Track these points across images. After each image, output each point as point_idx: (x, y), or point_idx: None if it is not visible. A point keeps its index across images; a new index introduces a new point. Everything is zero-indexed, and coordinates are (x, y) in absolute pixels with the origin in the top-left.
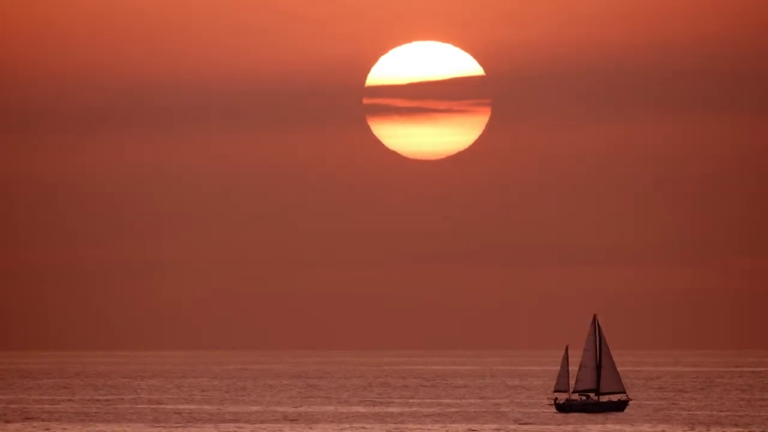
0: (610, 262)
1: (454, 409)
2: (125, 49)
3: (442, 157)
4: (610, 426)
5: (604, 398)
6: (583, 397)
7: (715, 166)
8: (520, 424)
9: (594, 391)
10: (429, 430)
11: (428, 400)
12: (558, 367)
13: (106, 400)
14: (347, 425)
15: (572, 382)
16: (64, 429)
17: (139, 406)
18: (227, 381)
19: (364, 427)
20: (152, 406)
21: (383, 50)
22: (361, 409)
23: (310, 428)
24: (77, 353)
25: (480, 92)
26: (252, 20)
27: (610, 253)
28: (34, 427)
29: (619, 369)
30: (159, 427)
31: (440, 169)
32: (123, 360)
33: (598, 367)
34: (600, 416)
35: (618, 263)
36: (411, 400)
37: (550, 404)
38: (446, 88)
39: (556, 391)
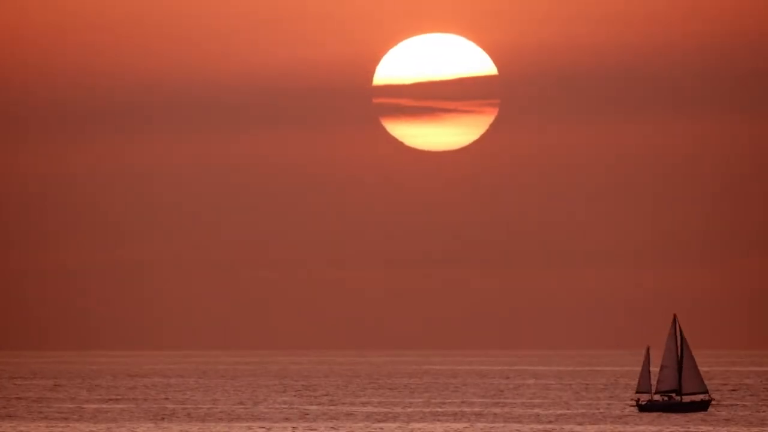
0: (620, 263)
1: (535, 410)
2: (127, 50)
3: (458, 148)
4: (693, 427)
5: (687, 398)
6: (665, 398)
7: (733, 165)
8: (602, 424)
9: (676, 391)
10: (517, 430)
11: (512, 401)
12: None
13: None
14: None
15: (654, 382)
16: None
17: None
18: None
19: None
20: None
21: (392, 43)
22: (454, 408)
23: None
24: (60, 353)
25: (491, 91)
26: (246, 18)
27: (624, 253)
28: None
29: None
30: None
31: (463, 164)
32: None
33: (680, 368)
34: (682, 416)
35: (627, 264)
36: (492, 400)
37: (632, 405)
38: (456, 87)
39: (638, 392)
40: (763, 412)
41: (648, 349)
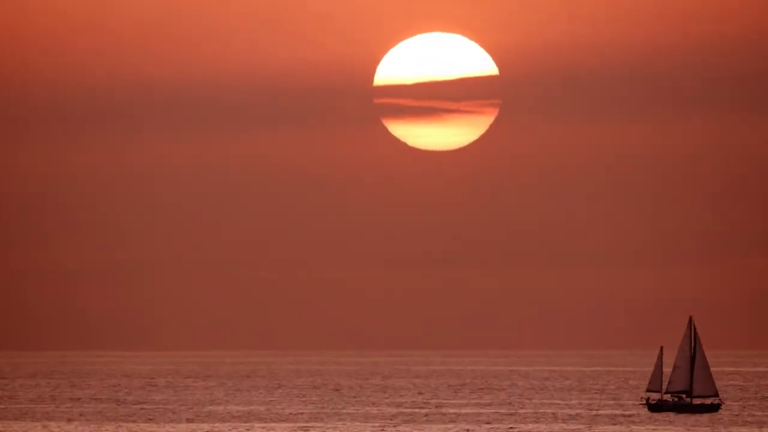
0: (620, 263)
1: (549, 410)
2: (127, 50)
3: (458, 148)
4: (701, 429)
5: (697, 400)
6: (675, 399)
7: (733, 165)
8: (611, 423)
9: (686, 392)
10: (530, 430)
11: (515, 400)
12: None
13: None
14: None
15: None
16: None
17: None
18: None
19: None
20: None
21: (392, 42)
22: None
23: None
24: (61, 353)
25: (492, 92)
26: (246, 18)
27: (625, 254)
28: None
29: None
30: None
31: (463, 164)
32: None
33: (692, 370)
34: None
35: (627, 264)
36: (496, 400)
37: (641, 404)
38: (458, 87)
39: (648, 391)
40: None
41: (661, 349)
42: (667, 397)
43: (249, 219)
